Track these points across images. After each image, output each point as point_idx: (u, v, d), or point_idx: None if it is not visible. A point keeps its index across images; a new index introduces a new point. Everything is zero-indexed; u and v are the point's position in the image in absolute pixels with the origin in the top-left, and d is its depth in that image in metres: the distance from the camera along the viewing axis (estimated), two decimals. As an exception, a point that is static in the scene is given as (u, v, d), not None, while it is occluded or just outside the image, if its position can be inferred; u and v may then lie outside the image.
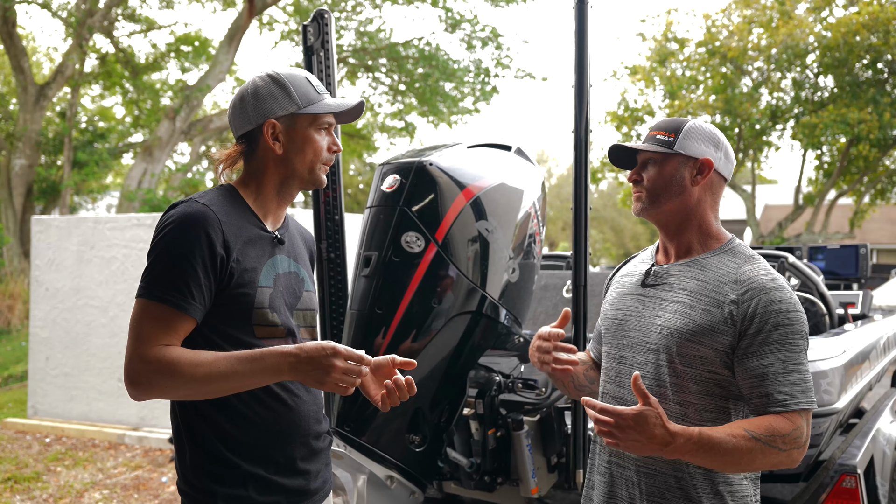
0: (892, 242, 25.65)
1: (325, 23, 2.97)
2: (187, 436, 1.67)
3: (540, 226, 2.90)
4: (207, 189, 1.75)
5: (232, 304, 1.62)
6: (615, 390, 1.90)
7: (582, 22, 2.60)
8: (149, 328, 1.54)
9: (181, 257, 1.56)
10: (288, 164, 1.74)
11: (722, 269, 1.80)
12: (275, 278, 1.71)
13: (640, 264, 1.99)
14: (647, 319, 1.85)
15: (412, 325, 2.57)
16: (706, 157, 1.84)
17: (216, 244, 1.59)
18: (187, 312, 1.55)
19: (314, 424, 1.77)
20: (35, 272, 7.44)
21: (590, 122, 2.64)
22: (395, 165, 2.72)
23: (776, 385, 1.69)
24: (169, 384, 1.52)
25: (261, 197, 1.76)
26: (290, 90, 1.72)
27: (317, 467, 1.79)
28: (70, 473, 5.75)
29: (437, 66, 17.02)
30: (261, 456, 1.67)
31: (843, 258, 6.06)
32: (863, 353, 3.39)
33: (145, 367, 1.52)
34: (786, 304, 1.72)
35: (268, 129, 1.71)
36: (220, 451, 1.64)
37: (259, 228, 1.73)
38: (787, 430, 1.65)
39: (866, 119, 15.37)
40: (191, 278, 1.55)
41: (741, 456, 1.63)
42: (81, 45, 15.79)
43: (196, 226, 1.58)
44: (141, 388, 1.54)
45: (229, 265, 1.61)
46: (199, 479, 1.64)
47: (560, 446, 2.92)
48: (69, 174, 15.65)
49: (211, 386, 1.53)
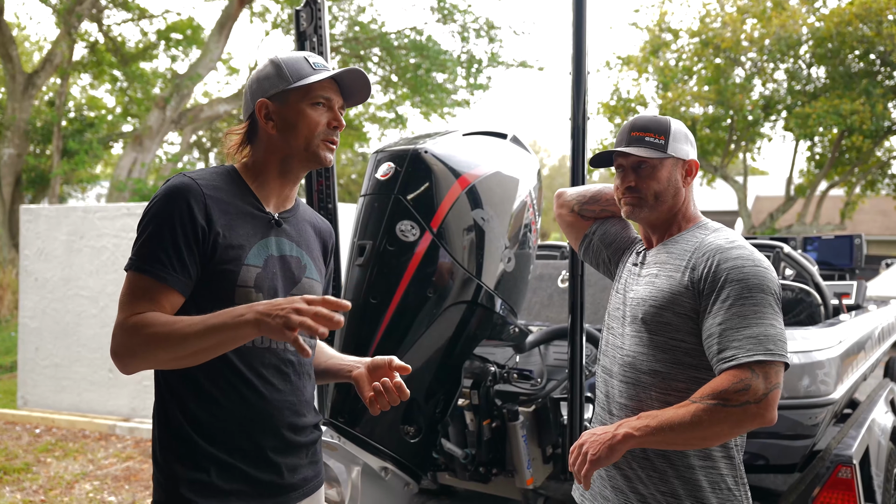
0: (883, 234, 25.75)
1: (317, 8, 2.93)
2: (159, 415, 1.65)
3: (536, 215, 2.87)
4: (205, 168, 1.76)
5: (216, 280, 1.59)
6: (604, 360, 2.02)
7: (580, 9, 2.57)
8: (131, 299, 1.53)
9: (163, 228, 1.54)
10: (284, 143, 1.70)
11: (689, 241, 1.88)
12: (266, 259, 1.66)
13: (640, 246, 2.07)
14: (627, 294, 1.96)
15: (407, 314, 2.54)
16: (691, 157, 1.93)
17: (197, 215, 1.56)
18: (168, 283, 1.53)
19: (291, 416, 1.70)
20: (24, 262, 7.37)
21: (587, 110, 2.61)
22: (390, 153, 2.68)
23: (728, 340, 1.68)
24: (146, 348, 1.49)
25: (261, 178, 1.73)
26: (283, 68, 1.70)
27: (292, 462, 1.71)
28: (60, 464, 5.71)
29: (429, 56, 16.94)
30: (227, 441, 1.62)
31: (836, 248, 6.07)
32: (858, 343, 3.39)
33: (124, 334, 1.51)
34: (741, 260, 1.74)
35: (260, 110, 1.70)
36: (187, 433, 1.60)
37: (254, 208, 1.70)
38: (727, 385, 1.62)
39: (859, 110, 15.39)
40: (172, 249, 1.54)
41: (686, 422, 1.64)
42: (70, 32, 15.64)
43: (178, 197, 1.57)
44: (123, 358, 1.52)
45: (212, 238, 1.58)
46: (166, 459, 1.62)
47: (556, 437, 2.91)
48: (58, 163, 15.53)
49: (188, 345, 1.46)
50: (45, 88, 18.21)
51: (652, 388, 1.82)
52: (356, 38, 17.64)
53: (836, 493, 2.77)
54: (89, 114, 19.41)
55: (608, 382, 1.97)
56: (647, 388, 1.83)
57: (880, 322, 4.26)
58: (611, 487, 1.91)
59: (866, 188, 19.70)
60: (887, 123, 16.41)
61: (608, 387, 1.97)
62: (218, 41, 16.02)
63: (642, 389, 1.84)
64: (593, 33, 2.52)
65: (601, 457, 1.69)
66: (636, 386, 1.86)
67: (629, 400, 1.87)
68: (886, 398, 3.86)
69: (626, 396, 1.88)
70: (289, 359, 1.70)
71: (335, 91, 1.74)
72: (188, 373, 1.60)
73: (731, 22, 16.84)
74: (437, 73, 17.59)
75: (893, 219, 24.99)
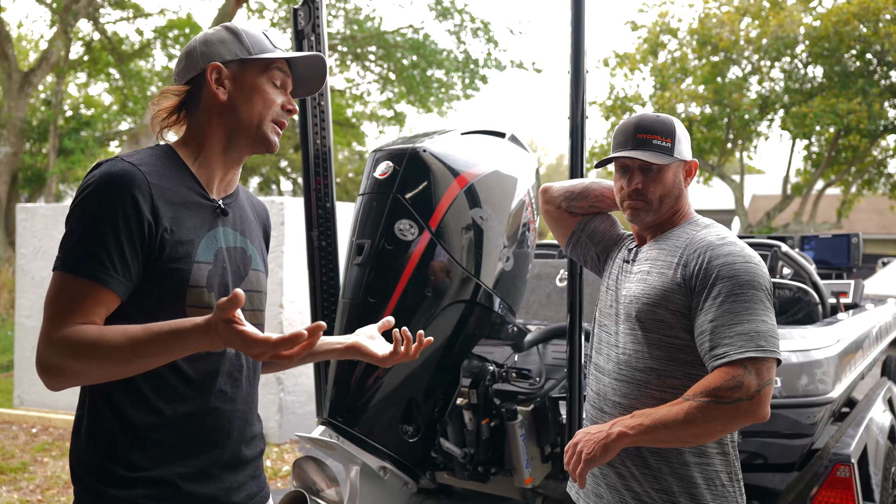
0: (879, 232, 25.80)
1: (315, 6, 2.92)
2: (87, 425, 1.44)
3: (534, 214, 2.87)
4: (143, 150, 1.50)
5: (163, 281, 1.40)
6: (596, 357, 2.02)
7: (578, 8, 2.57)
8: (62, 306, 1.32)
9: (102, 222, 1.34)
10: (233, 113, 1.52)
11: (680, 237, 1.87)
12: (216, 253, 1.49)
13: (630, 242, 2.07)
14: (619, 291, 1.95)
15: (406, 314, 2.53)
16: (692, 158, 1.93)
17: (143, 209, 1.36)
18: (107, 286, 1.33)
19: (243, 428, 1.56)
20: (21, 261, 7.35)
21: (586, 109, 2.61)
22: (388, 152, 2.67)
23: (720, 337, 1.67)
24: (81, 367, 1.30)
25: (203, 155, 1.54)
26: (242, 36, 1.54)
27: (238, 479, 1.55)
28: (57, 464, 5.69)
29: (425, 54, 16.92)
30: (167, 458, 1.44)
31: (833, 247, 6.08)
32: (856, 342, 3.40)
33: (54, 350, 1.30)
34: (732, 257, 1.73)
35: (211, 73, 1.51)
36: (118, 444, 1.41)
37: (199, 195, 1.50)
38: (720, 382, 1.62)
39: (855, 109, 15.41)
40: (113, 247, 1.34)
41: (680, 420, 1.64)
42: (66, 31, 15.60)
43: (119, 187, 1.36)
44: (52, 375, 1.31)
45: (159, 234, 1.39)
46: (87, 468, 1.43)
47: (554, 436, 2.91)
48: (54, 162, 15.50)
49: (127, 361, 1.29)
50: (41, 87, 18.17)
51: (647, 386, 1.82)
52: (353, 36, 17.62)
53: (834, 492, 2.78)
54: (86, 112, 19.37)
55: (600, 380, 1.96)
56: (642, 385, 1.83)
57: (878, 321, 4.27)
58: (605, 485, 1.91)
59: (863, 187, 19.73)
60: (884, 122, 16.43)
61: (600, 384, 1.96)
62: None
63: (637, 387, 1.84)
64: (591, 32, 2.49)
65: (595, 455, 1.70)
66: (631, 384, 1.85)
67: (624, 398, 1.86)
68: (884, 397, 3.87)
69: (620, 394, 1.87)
70: (241, 364, 1.56)
71: (289, 73, 1.60)
72: (130, 380, 1.40)
73: (730, 23, 16.86)
74: (433, 71, 17.57)
75: (890, 217, 25.03)
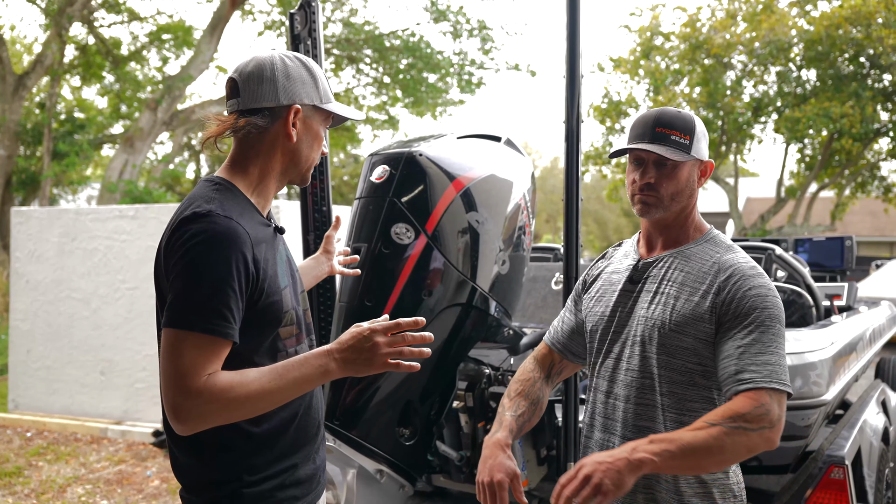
0: (873, 235, 25.91)
1: (312, 11, 2.93)
2: (202, 440, 1.55)
3: (530, 217, 2.88)
4: (207, 191, 1.56)
5: (265, 313, 1.54)
6: (604, 384, 1.91)
7: (574, 12, 2.58)
8: (193, 360, 1.42)
9: (220, 281, 1.44)
10: (297, 153, 1.64)
11: (705, 259, 1.81)
12: (286, 273, 1.64)
13: (624, 259, 1.97)
14: (635, 313, 1.85)
15: (402, 317, 2.53)
16: (709, 158, 1.87)
17: (250, 263, 1.49)
18: (233, 339, 1.46)
19: (320, 412, 1.76)
20: (15, 264, 7.34)
21: (581, 112, 2.62)
22: (385, 156, 2.68)
23: (746, 363, 1.65)
24: (223, 413, 1.43)
25: (262, 185, 1.64)
26: (319, 82, 1.65)
27: (322, 453, 1.78)
28: (52, 468, 5.68)
29: (421, 57, 16.94)
30: (283, 451, 1.62)
31: (827, 250, 6.10)
32: (850, 344, 3.41)
33: (196, 401, 1.41)
34: (764, 289, 1.72)
35: (293, 113, 1.60)
36: (242, 451, 1.57)
37: (264, 225, 1.61)
38: (748, 409, 1.58)
39: (848, 113, 15.49)
40: (232, 302, 1.45)
41: (708, 446, 1.54)
42: (61, 34, 15.57)
43: (231, 246, 1.46)
44: (194, 424, 1.43)
45: (260, 280, 1.52)
46: (217, 480, 1.58)
47: (550, 439, 2.91)
48: (49, 165, 15.46)
49: (262, 403, 1.46)
50: (35, 90, 18.12)
51: (668, 410, 1.78)
52: (348, 39, 17.63)
53: (828, 494, 2.79)
54: (80, 115, 19.32)
55: (613, 406, 1.87)
56: (664, 409, 1.78)
57: (871, 323, 4.28)
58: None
59: (856, 190, 19.82)
60: (876, 125, 16.51)
61: (612, 409, 1.87)
62: (210, 42, 15.98)
63: (659, 412, 1.79)
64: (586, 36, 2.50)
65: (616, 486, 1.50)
66: (652, 408, 1.80)
67: (644, 421, 1.80)
68: (878, 399, 3.88)
69: (641, 418, 1.81)
70: None
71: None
72: None
73: (722, 28, 16.92)
74: (429, 74, 17.59)
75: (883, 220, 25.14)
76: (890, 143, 17.85)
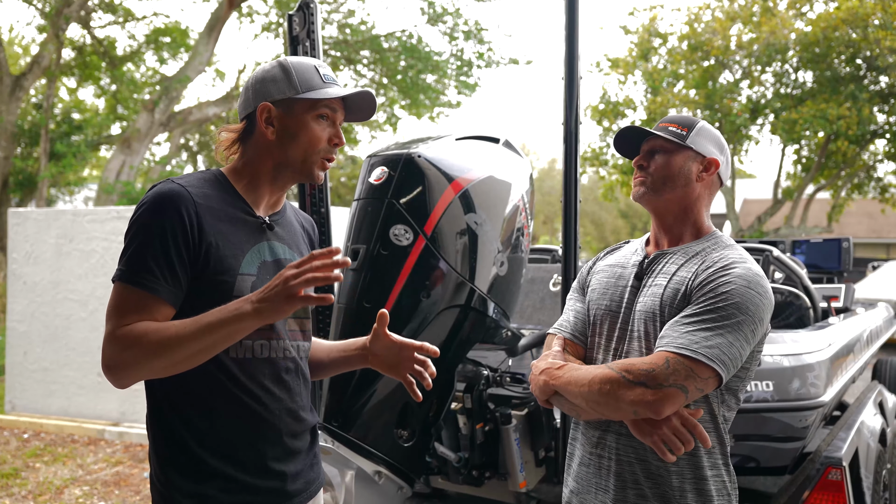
0: (869, 236, 25.97)
1: (310, 12, 2.93)
2: (158, 429, 1.63)
3: (528, 219, 2.88)
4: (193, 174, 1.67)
5: (210, 292, 1.54)
6: None
7: (572, 13, 2.59)
8: (121, 311, 1.50)
9: (153, 237, 1.50)
10: (280, 151, 1.65)
11: (699, 252, 1.83)
12: (259, 266, 1.62)
13: (632, 256, 1.98)
14: (634, 307, 1.87)
15: (401, 318, 2.54)
16: (713, 157, 1.89)
17: (188, 225, 1.52)
18: (159, 294, 1.49)
19: (291, 423, 1.70)
20: (12, 266, 7.32)
21: (580, 113, 2.63)
22: (383, 157, 2.69)
23: (670, 330, 1.67)
24: (141, 358, 1.45)
25: (252, 183, 1.68)
26: (292, 74, 1.64)
27: (295, 468, 1.70)
28: (49, 469, 5.67)
29: (419, 57, 16.94)
30: (229, 454, 1.60)
31: (824, 252, 6.11)
32: (847, 346, 3.42)
33: (115, 347, 1.47)
34: (741, 279, 1.69)
35: (261, 114, 1.64)
36: (189, 447, 1.58)
37: (244, 213, 1.65)
38: (641, 364, 1.61)
39: (845, 115, 15.52)
40: (164, 259, 1.49)
41: (591, 384, 1.65)
42: (58, 35, 15.55)
43: (168, 204, 1.52)
44: (116, 371, 1.48)
45: (204, 248, 1.53)
46: (167, 473, 1.60)
47: (548, 440, 2.92)
48: (46, 166, 15.43)
49: (182, 350, 1.44)
50: (32, 91, 18.09)
51: None
52: (346, 40, 17.63)
53: (826, 495, 2.79)
54: (77, 116, 19.30)
55: None
56: None
57: (868, 325, 4.29)
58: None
59: (853, 191, 19.85)
60: (873, 127, 16.54)
61: None
62: (207, 44, 15.97)
63: None
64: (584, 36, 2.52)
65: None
66: None
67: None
68: (875, 400, 3.89)
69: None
70: (287, 367, 1.69)
71: (340, 106, 1.69)
72: (189, 386, 1.57)
73: (721, 30, 16.95)
74: (427, 75, 17.59)
75: (880, 221, 25.19)
76: (886, 145, 17.89)
